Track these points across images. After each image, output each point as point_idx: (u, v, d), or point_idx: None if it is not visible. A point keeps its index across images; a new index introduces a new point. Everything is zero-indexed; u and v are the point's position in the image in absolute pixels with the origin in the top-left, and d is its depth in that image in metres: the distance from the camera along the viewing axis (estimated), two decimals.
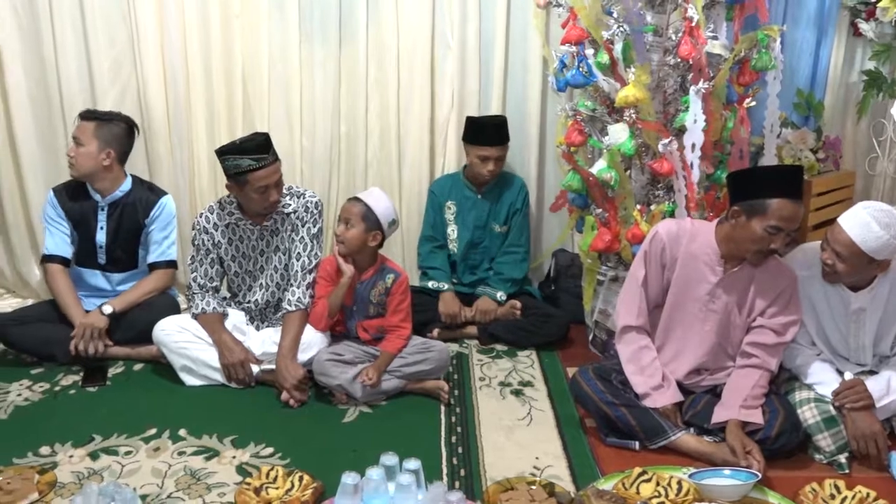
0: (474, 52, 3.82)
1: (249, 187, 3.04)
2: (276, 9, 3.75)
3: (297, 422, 2.90)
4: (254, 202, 3.10)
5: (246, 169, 2.99)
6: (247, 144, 3.02)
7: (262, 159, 3.01)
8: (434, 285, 3.66)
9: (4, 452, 2.64)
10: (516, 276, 3.70)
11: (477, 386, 3.19)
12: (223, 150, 3.05)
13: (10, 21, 3.71)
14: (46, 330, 3.30)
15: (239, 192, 3.09)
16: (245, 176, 3.01)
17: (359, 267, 3.11)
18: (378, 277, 3.12)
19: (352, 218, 3.04)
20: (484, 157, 3.61)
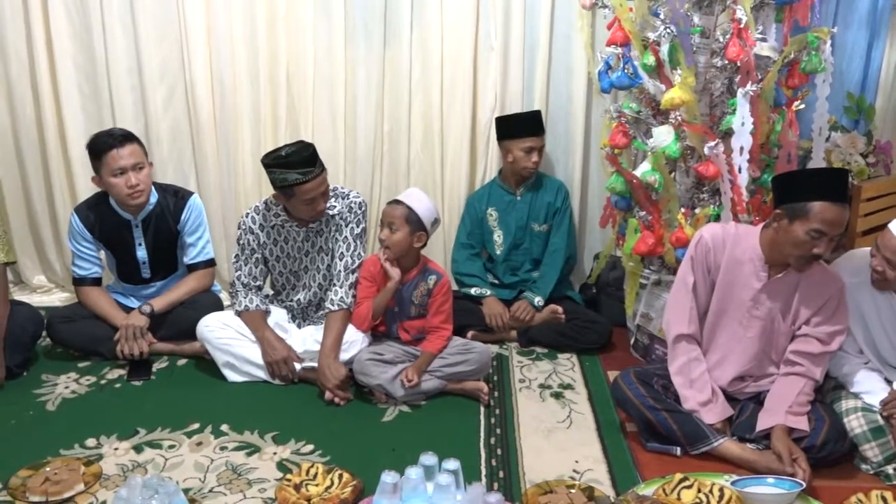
0: (518, 54, 3.81)
1: (296, 199, 3.05)
2: (322, 10, 3.78)
3: (338, 420, 2.92)
4: (301, 211, 3.12)
5: (293, 182, 3.01)
6: (293, 158, 3.00)
7: (308, 172, 3.01)
8: (477, 292, 3.65)
9: (52, 444, 2.70)
10: (554, 276, 3.68)
11: (517, 388, 3.18)
12: (269, 162, 3.04)
13: (62, 20, 3.78)
14: (93, 327, 3.36)
15: (286, 201, 3.11)
16: (292, 189, 3.03)
17: (402, 268, 3.12)
18: (420, 279, 3.13)
19: (395, 221, 3.05)
20: (529, 149, 3.60)
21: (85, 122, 3.90)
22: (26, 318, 3.26)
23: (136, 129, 3.46)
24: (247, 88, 3.90)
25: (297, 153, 3.02)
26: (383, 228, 3.09)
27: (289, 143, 3.13)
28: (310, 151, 3.05)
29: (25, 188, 4.05)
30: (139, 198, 3.27)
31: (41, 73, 3.83)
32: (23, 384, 3.16)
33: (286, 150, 3.04)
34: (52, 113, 3.91)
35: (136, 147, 3.25)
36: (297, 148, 3.05)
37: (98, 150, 3.21)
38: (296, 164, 2.99)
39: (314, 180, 3.03)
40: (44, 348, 3.45)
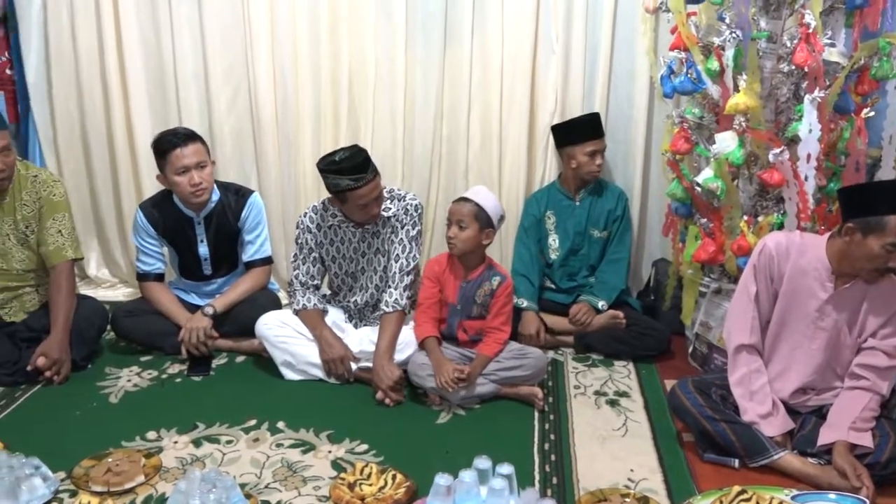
0: (579, 58, 3.78)
1: (350, 203, 3.09)
2: (384, 13, 3.80)
3: (392, 420, 2.93)
4: (355, 215, 3.15)
5: (345, 188, 3.03)
6: (345, 164, 3.02)
7: (360, 178, 3.02)
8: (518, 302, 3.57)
9: (114, 436, 2.77)
10: (618, 284, 3.64)
11: (571, 394, 3.15)
12: (323, 167, 3.07)
13: (132, 25, 3.89)
14: (155, 322, 3.43)
15: (341, 205, 3.14)
16: (345, 194, 3.06)
17: (468, 266, 3.13)
18: (485, 278, 3.13)
19: (464, 219, 3.05)
20: (592, 153, 3.57)
21: (152, 122, 3.99)
22: (92, 313, 3.35)
23: (201, 130, 3.53)
24: (308, 90, 3.95)
25: (349, 159, 3.04)
26: (451, 226, 3.08)
27: (343, 148, 3.15)
28: (362, 157, 3.06)
29: (93, 186, 4.16)
30: (202, 196, 3.33)
31: (111, 76, 3.94)
32: (87, 377, 3.24)
33: (339, 156, 3.06)
34: (121, 114, 4.01)
35: (199, 146, 3.31)
36: (350, 153, 3.07)
37: (162, 148, 3.28)
38: (348, 170, 3.01)
39: (366, 186, 3.04)
40: (108, 342, 3.53)
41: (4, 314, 3.29)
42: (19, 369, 3.14)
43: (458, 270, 3.17)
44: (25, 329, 3.27)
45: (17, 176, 3.20)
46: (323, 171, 3.07)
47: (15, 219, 3.20)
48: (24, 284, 3.30)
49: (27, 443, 2.63)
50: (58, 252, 3.22)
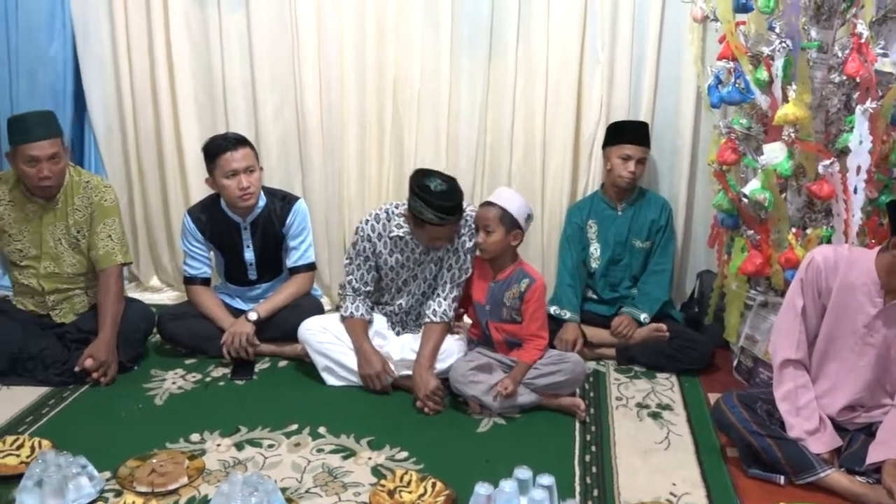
0: (624, 67, 3.76)
1: (423, 232, 3.09)
2: (430, 23, 3.82)
3: (432, 428, 2.93)
4: (421, 241, 3.16)
5: (427, 220, 3.02)
6: (436, 201, 2.97)
7: (444, 220, 3.01)
8: (556, 312, 3.56)
9: (159, 437, 2.80)
10: (661, 296, 3.60)
11: (613, 405, 3.13)
12: (416, 188, 3.01)
13: (182, 34, 3.96)
14: (200, 326, 3.48)
15: (413, 225, 3.12)
16: (423, 223, 3.04)
17: (497, 267, 3.13)
18: (514, 279, 3.12)
19: (490, 223, 3.05)
20: (626, 157, 3.54)
21: (200, 129, 4.05)
22: (139, 316, 3.41)
23: (248, 137, 3.57)
24: (353, 99, 3.98)
25: (443, 196, 2.98)
26: (479, 232, 3.09)
27: (443, 176, 3.07)
28: (455, 202, 3.03)
29: (143, 191, 4.23)
30: (249, 200, 3.37)
31: (161, 83, 4.01)
32: (133, 378, 3.29)
33: (435, 185, 3.01)
34: (170, 120, 4.08)
35: (248, 151, 3.36)
36: (446, 189, 3.01)
37: (213, 152, 3.33)
38: (437, 207, 2.98)
39: (446, 227, 3.05)
40: (154, 344, 3.59)
41: (55, 315, 3.37)
42: (68, 370, 3.20)
43: (487, 271, 3.17)
44: (75, 330, 3.34)
45: (69, 181, 3.28)
46: (414, 191, 3.02)
47: (67, 223, 3.28)
48: (75, 287, 3.37)
49: (74, 442, 2.68)
50: (107, 256, 3.29)
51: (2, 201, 3.28)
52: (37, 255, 3.31)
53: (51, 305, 3.37)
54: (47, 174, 3.14)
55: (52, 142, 3.14)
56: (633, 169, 3.55)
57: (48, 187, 3.19)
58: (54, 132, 3.17)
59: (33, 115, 3.24)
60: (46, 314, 3.38)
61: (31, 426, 2.89)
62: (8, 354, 3.20)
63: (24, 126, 3.14)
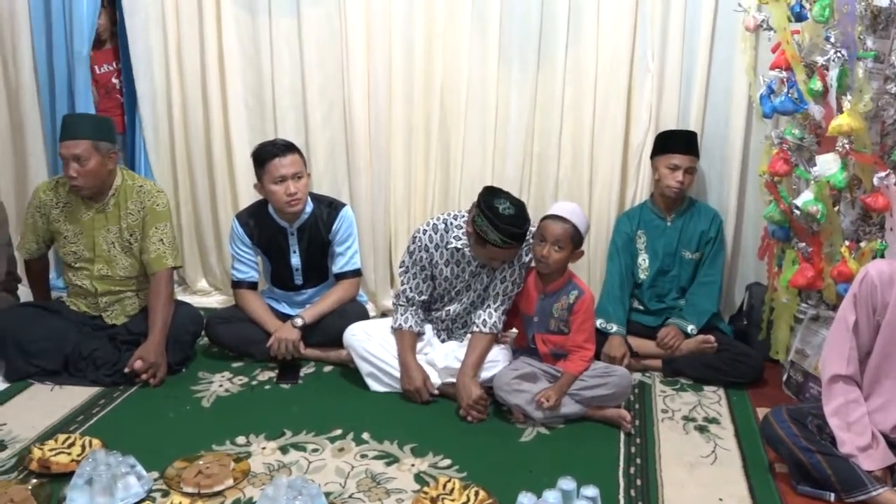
0: (674, 76, 3.73)
1: (485, 251, 3.07)
2: (478, 30, 3.83)
3: (476, 436, 2.93)
4: (479, 255, 3.15)
5: (490, 241, 3.00)
6: (503, 225, 2.95)
7: (508, 245, 3.00)
8: (602, 325, 3.51)
9: (205, 438, 2.84)
10: (709, 308, 3.55)
11: (659, 418, 3.09)
12: (484, 207, 2.97)
13: (233, 41, 4.02)
14: (247, 329, 3.52)
15: (474, 242, 3.10)
16: (486, 243, 3.03)
17: (548, 279, 3.12)
18: (563, 291, 3.11)
19: (561, 240, 3.02)
20: (673, 166, 3.50)
21: (249, 135, 4.10)
22: (188, 319, 3.47)
23: (296, 143, 3.61)
24: (401, 105, 4.00)
25: (510, 220, 2.96)
26: (545, 244, 3.04)
27: (511, 198, 3.05)
28: (523, 229, 3.01)
29: (192, 196, 4.30)
30: (296, 206, 3.40)
31: (212, 88, 4.07)
32: (182, 380, 3.34)
33: (504, 207, 2.98)
34: (220, 126, 4.14)
35: (296, 157, 3.39)
36: (514, 213, 2.99)
37: (262, 157, 3.37)
38: (504, 231, 2.96)
39: (509, 250, 3.04)
40: (202, 347, 3.64)
41: (107, 317, 3.44)
42: (118, 370, 3.25)
43: (537, 283, 3.16)
44: (125, 332, 3.40)
45: (123, 186, 3.35)
46: (481, 210, 3.00)
47: (120, 227, 3.34)
48: (126, 289, 3.44)
49: (124, 442, 2.72)
50: (158, 260, 3.34)
51: (58, 204, 3.36)
52: (90, 257, 3.38)
53: (103, 307, 3.44)
54: (72, 174, 3.20)
55: (77, 143, 3.18)
56: (680, 178, 3.51)
57: (76, 187, 3.25)
58: (84, 134, 3.20)
59: (73, 116, 3.36)
60: (98, 315, 3.45)
61: (81, 425, 2.95)
62: (62, 354, 3.28)
63: (62, 126, 3.26)
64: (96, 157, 3.21)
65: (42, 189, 3.41)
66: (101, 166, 3.24)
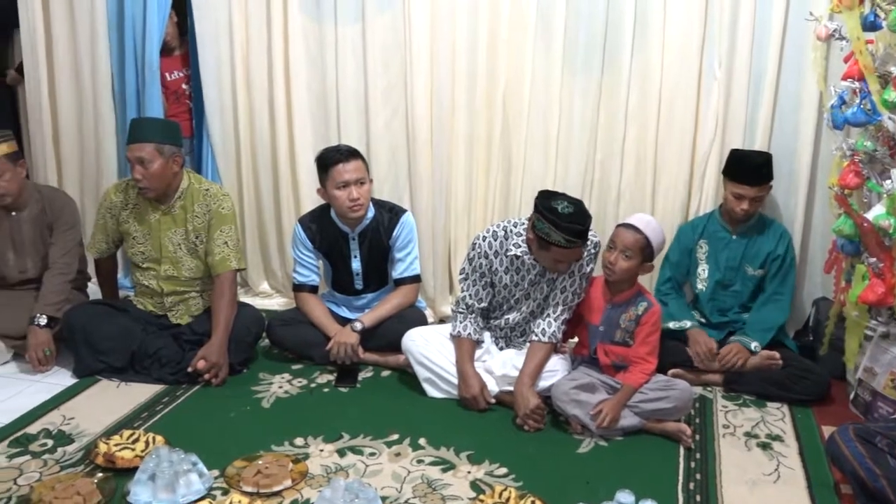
0: (742, 84, 3.66)
1: (548, 254, 3.04)
2: (542, 35, 3.82)
3: (533, 446, 2.91)
4: (544, 261, 3.12)
5: (553, 242, 2.98)
6: (564, 224, 2.92)
7: (572, 243, 2.97)
8: (676, 325, 3.49)
9: (265, 439, 2.88)
10: (776, 325, 3.46)
11: (720, 433, 3.03)
12: (543, 210, 2.96)
13: (300, 47, 4.08)
14: (307, 332, 3.56)
15: (536, 247, 3.08)
16: (549, 245, 3.01)
17: (616, 290, 3.09)
18: (632, 303, 3.08)
19: (630, 249, 3.00)
20: (738, 196, 3.43)
21: (314, 139, 4.15)
22: (250, 320, 3.52)
23: (359, 148, 3.64)
24: (463, 111, 4.01)
25: (571, 218, 2.94)
26: (614, 250, 3.03)
27: (569, 198, 3.03)
28: (585, 226, 2.98)
29: (257, 199, 4.37)
30: (358, 211, 3.43)
31: (278, 95, 4.14)
32: (243, 381, 3.39)
33: (563, 207, 2.96)
34: (285, 130, 4.19)
35: (359, 163, 3.42)
36: (574, 211, 2.96)
37: (326, 163, 3.41)
38: (566, 230, 2.94)
39: (573, 250, 3.01)
40: (263, 349, 3.69)
41: (172, 316, 3.52)
42: (182, 369, 3.32)
43: (605, 292, 3.13)
44: (189, 332, 3.47)
45: (189, 188, 3.42)
46: (540, 213, 2.99)
47: (186, 229, 3.42)
48: (191, 290, 3.51)
49: (186, 439, 2.79)
50: (223, 262, 3.40)
51: (128, 206, 3.45)
52: (157, 258, 3.46)
53: (168, 306, 3.52)
54: (138, 176, 3.29)
55: (142, 146, 3.27)
56: (745, 207, 3.43)
57: (142, 189, 3.34)
58: (148, 138, 3.28)
59: (139, 120, 3.48)
60: (164, 315, 3.53)
61: (146, 422, 3.02)
62: (128, 352, 3.36)
63: (129, 129, 3.36)
64: (160, 160, 3.29)
65: (112, 191, 3.51)
66: (165, 169, 3.31)
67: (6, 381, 3.37)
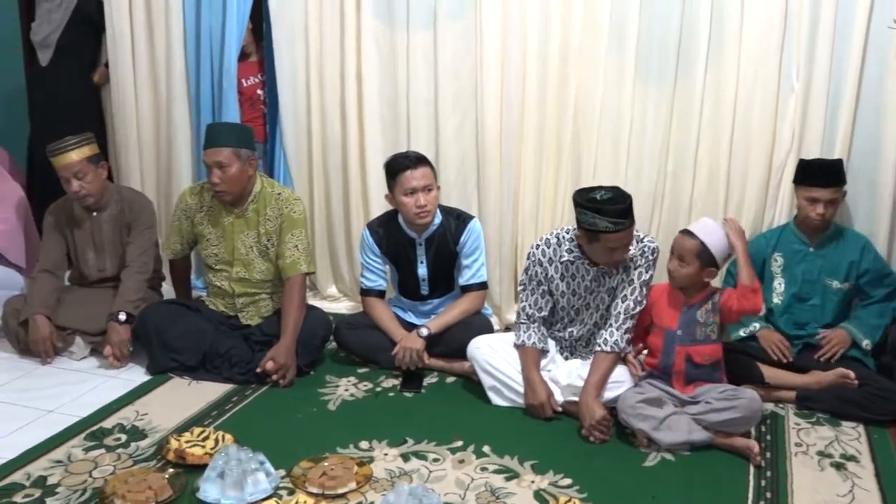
0: (820, 94, 3.57)
1: (599, 245, 3.03)
2: (615, 44, 3.78)
3: (598, 457, 2.88)
4: (599, 256, 3.11)
5: (602, 230, 2.98)
6: (608, 207, 2.94)
7: (619, 224, 2.96)
8: (747, 332, 3.43)
9: (330, 441, 2.91)
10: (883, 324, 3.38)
11: (792, 451, 2.95)
12: (582, 203, 2.99)
13: (372, 53, 4.12)
14: (373, 336, 3.59)
15: (587, 243, 3.08)
16: (598, 234, 3.00)
17: (689, 294, 3.08)
18: (706, 301, 3.06)
19: (686, 255, 2.98)
20: (812, 199, 3.35)
21: (384, 146, 4.18)
22: (318, 323, 3.57)
23: (428, 154, 3.66)
24: (533, 118, 3.99)
25: (612, 201, 2.96)
26: (673, 258, 3.03)
27: (603, 187, 3.07)
28: (626, 204, 2.98)
29: (327, 204, 4.42)
30: (425, 217, 3.45)
31: (350, 100, 4.18)
32: (310, 383, 3.43)
33: (601, 195, 2.99)
34: (356, 136, 4.23)
35: (427, 170, 3.44)
36: (613, 195, 2.99)
37: (394, 169, 3.44)
38: (610, 213, 2.94)
39: (623, 232, 2.99)
40: (329, 351, 3.73)
41: (242, 317, 3.59)
42: (251, 369, 3.38)
43: (678, 297, 3.11)
44: (259, 333, 3.54)
45: (262, 192, 3.49)
46: (581, 207, 3.01)
47: (258, 232, 3.49)
48: (261, 292, 3.58)
49: (254, 438, 2.84)
50: (293, 265, 3.46)
51: (202, 209, 3.54)
52: (229, 260, 3.53)
53: (239, 307, 3.59)
54: (215, 180, 3.36)
55: (218, 150, 3.35)
56: (821, 211, 3.35)
57: (220, 192, 3.41)
58: (226, 142, 3.37)
59: (213, 125, 3.57)
60: (235, 315, 3.60)
61: (215, 420, 3.08)
62: (200, 351, 3.43)
63: (206, 134, 3.44)
64: (237, 164, 3.36)
65: (187, 193, 3.60)
66: (241, 172, 3.39)
67: (84, 375, 3.48)
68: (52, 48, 4.67)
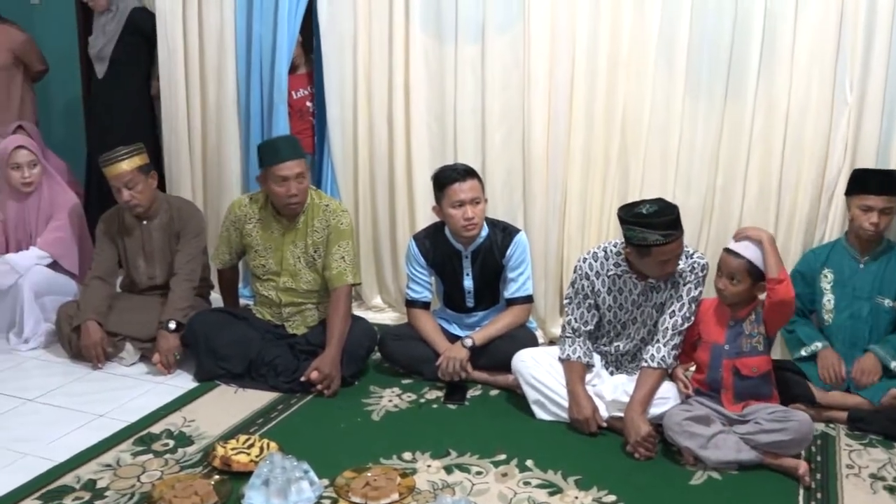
0: (875, 109, 3.49)
1: (650, 259, 3.01)
2: (664, 58, 3.76)
3: (642, 474, 2.84)
4: (650, 270, 3.09)
5: (652, 243, 2.96)
6: (655, 220, 2.93)
7: (669, 235, 2.95)
8: (808, 351, 3.36)
9: (374, 451, 2.92)
10: None
11: (843, 474, 2.88)
12: (629, 220, 2.99)
13: (420, 66, 4.14)
14: (418, 348, 3.59)
15: (637, 258, 3.07)
16: (649, 248, 2.98)
17: (735, 309, 3.04)
18: (751, 312, 3.03)
19: (736, 273, 2.96)
20: (867, 207, 3.27)
21: (430, 158, 4.19)
22: (363, 334, 3.59)
23: (474, 166, 3.66)
24: (580, 132, 3.97)
25: (659, 214, 2.96)
26: (722, 277, 3.00)
27: (647, 200, 3.07)
28: (674, 215, 2.98)
29: (373, 215, 4.44)
30: (472, 230, 3.45)
31: (397, 112, 4.20)
32: (354, 393, 3.45)
33: (647, 209, 2.99)
34: (403, 148, 4.26)
35: (475, 183, 3.45)
36: (659, 207, 2.99)
37: (442, 181, 3.45)
38: (659, 225, 2.93)
39: (673, 243, 2.98)
40: (374, 362, 3.74)
41: (288, 326, 3.63)
42: (296, 378, 3.41)
43: (725, 312, 3.07)
44: (305, 342, 3.57)
45: (310, 204, 3.53)
46: (627, 224, 3.00)
47: (306, 243, 3.52)
48: (308, 302, 3.61)
49: (298, 447, 2.86)
50: (339, 276, 3.49)
51: (251, 220, 3.58)
52: (277, 270, 3.58)
53: (285, 317, 3.63)
54: (294, 192, 3.41)
55: (298, 162, 3.42)
56: (875, 220, 3.28)
57: (295, 205, 3.46)
58: (299, 153, 3.47)
59: (281, 139, 3.59)
60: (281, 325, 3.64)
61: (261, 427, 3.12)
62: (247, 359, 3.48)
63: (273, 149, 3.46)
64: (307, 174, 3.47)
65: (237, 205, 3.65)
66: (308, 183, 3.49)
67: (133, 381, 3.54)
68: (106, 60, 4.79)
